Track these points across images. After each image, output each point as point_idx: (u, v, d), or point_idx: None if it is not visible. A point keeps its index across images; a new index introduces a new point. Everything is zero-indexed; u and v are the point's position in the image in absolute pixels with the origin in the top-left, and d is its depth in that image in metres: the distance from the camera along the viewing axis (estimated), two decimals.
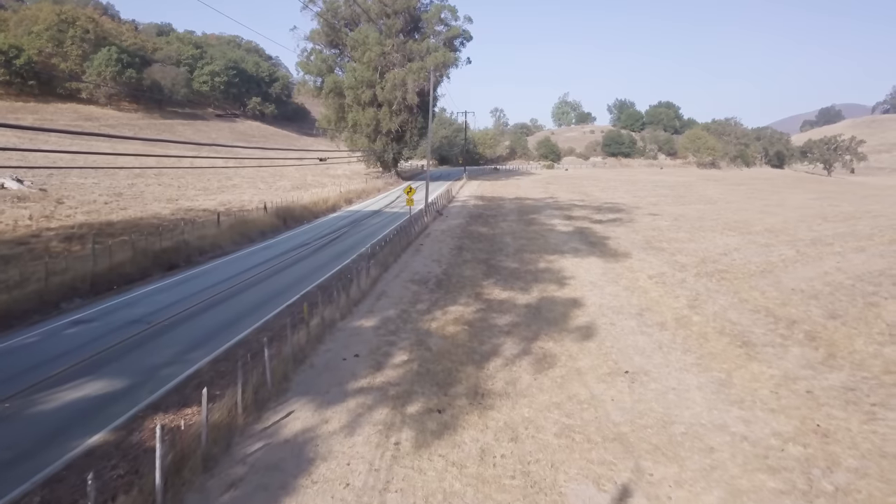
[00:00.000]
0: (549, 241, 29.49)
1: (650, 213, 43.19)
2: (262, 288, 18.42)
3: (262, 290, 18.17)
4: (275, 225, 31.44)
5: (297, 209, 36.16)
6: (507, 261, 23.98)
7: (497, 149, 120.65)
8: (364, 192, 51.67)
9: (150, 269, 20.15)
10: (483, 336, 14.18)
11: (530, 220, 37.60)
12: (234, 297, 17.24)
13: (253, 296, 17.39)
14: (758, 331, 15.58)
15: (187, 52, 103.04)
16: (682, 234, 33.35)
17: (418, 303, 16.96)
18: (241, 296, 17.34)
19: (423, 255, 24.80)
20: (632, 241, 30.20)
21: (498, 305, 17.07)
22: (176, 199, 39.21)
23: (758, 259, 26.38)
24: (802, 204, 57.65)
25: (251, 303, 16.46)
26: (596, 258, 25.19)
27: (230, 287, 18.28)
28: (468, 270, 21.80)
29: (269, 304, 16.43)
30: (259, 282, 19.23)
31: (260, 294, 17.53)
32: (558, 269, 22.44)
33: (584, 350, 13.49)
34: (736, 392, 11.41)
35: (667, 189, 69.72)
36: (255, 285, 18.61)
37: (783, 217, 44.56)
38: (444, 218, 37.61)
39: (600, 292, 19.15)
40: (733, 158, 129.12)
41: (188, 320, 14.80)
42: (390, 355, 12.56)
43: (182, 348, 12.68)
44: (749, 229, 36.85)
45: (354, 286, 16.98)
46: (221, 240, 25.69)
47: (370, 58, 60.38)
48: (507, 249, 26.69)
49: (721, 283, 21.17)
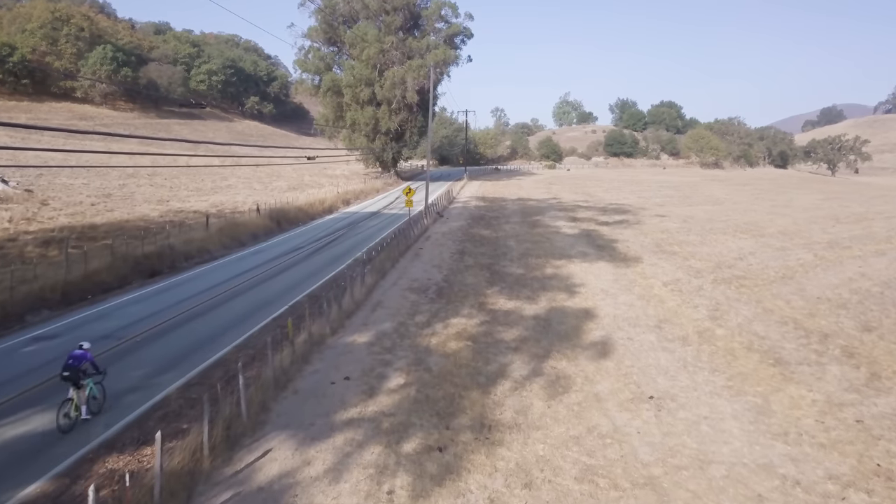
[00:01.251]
0: (555, 244, 28.12)
1: (657, 215, 41.81)
2: (248, 298, 17.05)
3: (248, 300, 16.80)
4: (268, 227, 30.07)
5: (292, 211, 34.80)
6: (511, 266, 22.62)
7: (498, 149, 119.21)
8: (362, 192, 50.32)
9: (129, 277, 18.79)
10: (489, 353, 12.81)
11: (534, 221, 36.24)
12: (217, 308, 15.87)
13: (237, 307, 16.02)
14: (789, 346, 14.21)
15: (184, 51, 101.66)
16: (692, 237, 31.98)
17: (417, 314, 15.59)
18: (224, 307, 15.97)
19: (423, 260, 23.43)
20: (641, 245, 28.83)
21: (504, 317, 15.70)
22: (167, 200, 37.86)
23: (775, 264, 25.01)
24: (811, 205, 56.28)
25: (234, 315, 15.10)
26: (605, 263, 23.82)
27: (213, 297, 16.92)
28: (471, 277, 20.43)
29: (253, 317, 15.07)
30: (245, 291, 17.86)
31: (245, 305, 16.17)
32: (567, 276, 21.07)
33: (601, 370, 12.11)
34: (777, 422, 10.03)
35: (672, 189, 68.34)
36: (240, 295, 17.25)
37: (793, 218, 43.20)
38: (444, 220, 36.24)
39: (613, 301, 17.78)
40: (736, 158, 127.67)
41: (163, 336, 13.43)
42: (385, 378, 11.19)
43: (151, 370, 11.32)
44: (761, 231, 35.49)
45: (347, 296, 15.62)
46: (210, 244, 24.33)
47: (369, 55, 59.00)
48: (511, 254, 25.33)
49: (741, 291, 19.79)
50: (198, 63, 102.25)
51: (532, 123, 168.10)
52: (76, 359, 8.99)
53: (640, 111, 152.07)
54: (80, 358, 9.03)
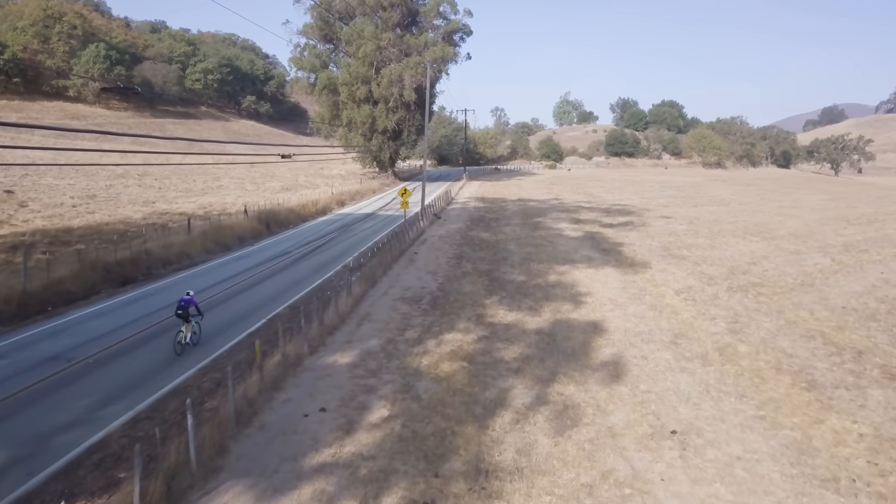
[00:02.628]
0: (558, 248, 26.67)
1: (662, 216, 40.36)
2: (223, 310, 15.58)
3: (223, 313, 15.34)
4: (256, 230, 28.62)
5: (283, 212, 33.35)
6: (512, 272, 21.16)
7: (498, 148, 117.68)
8: (358, 193, 48.87)
9: (97, 286, 17.33)
10: (486, 376, 11.35)
11: (536, 223, 34.78)
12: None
13: (209, 321, 14.54)
14: (821, 365, 12.75)
15: (179, 50, 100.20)
16: (701, 240, 30.52)
17: (408, 329, 14.13)
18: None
19: (418, 265, 21.97)
20: (649, 248, 27.38)
21: (504, 331, 14.24)
22: (153, 201, 36.40)
23: (792, 269, 23.56)
24: (818, 205, 54.79)
25: (204, 331, 13.64)
26: (612, 269, 22.36)
27: None
28: (468, 285, 18.97)
29: (225, 333, 13.61)
30: (222, 301, 16.40)
31: (218, 318, 14.70)
32: (571, 283, 19.61)
33: (614, 397, 10.66)
34: (823, 464, 8.58)
35: (675, 190, 66.89)
36: (215, 307, 15.78)
37: (803, 220, 41.74)
38: (442, 222, 34.78)
39: (623, 313, 16.32)
40: (739, 158, 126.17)
41: (120, 357, 11.98)
42: (367, 409, 9.72)
43: (98, 399, 9.86)
44: (772, 234, 34.04)
45: (331, 308, 14.16)
46: (191, 248, 22.88)
47: (365, 52, 57.55)
48: (511, 258, 23.88)
49: (759, 300, 18.34)
50: (193, 62, 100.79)
51: (532, 123, 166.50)
52: (186, 302, 12.20)
53: (641, 110, 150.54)
54: (188, 302, 12.24)
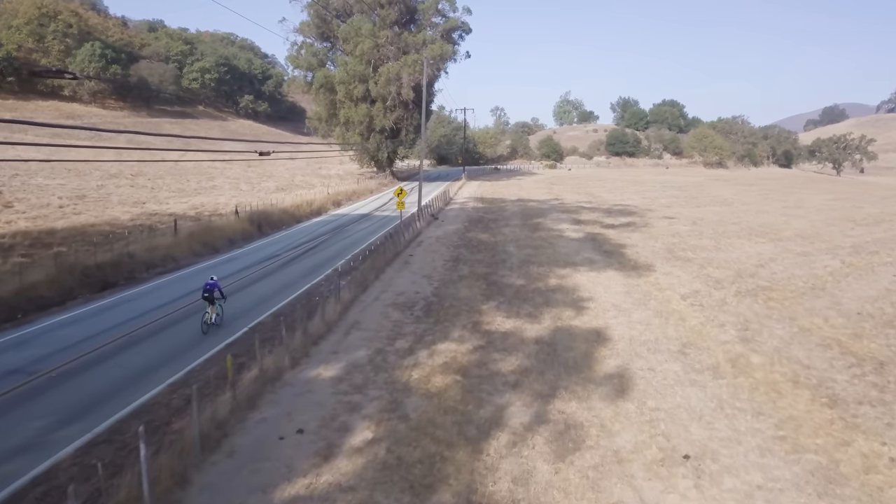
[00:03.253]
0: (559, 250, 25.81)
1: (665, 217, 39.50)
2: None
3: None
4: (247, 232, 27.77)
5: (276, 213, 32.51)
6: (511, 276, 20.30)
7: (498, 148, 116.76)
8: (355, 193, 48.03)
9: (74, 291, 16.48)
10: (481, 392, 10.49)
11: (535, 224, 33.91)
12: (163, 331, 13.57)
13: (186, 329, 13.72)
14: (841, 378, 11.89)
15: (176, 49, 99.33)
16: (706, 241, 29.66)
17: (399, 338, 13.26)
18: (172, 330, 13.67)
19: (412, 269, 21.10)
20: (652, 250, 26.52)
21: (501, 340, 13.38)
22: (144, 202, 35.56)
23: (801, 272, 22.70)
24: (823, 205, 53.93)
25: (180, 340, 12.80)
26: (615, 272, 21.50)
27: (164, 315, 14.62)
28: (464, 289, 18.10)
29: (202, 343, 12.75)
30: (202, 308, 15.53)
31: (196, 327, 13.83)
32: (572, 287, 18.75)
33: (619, 415, 9.80)
34: (853, 494, 7.72)
35: (677, 190, 66.04)
36: (195, 314, 14.91)
37: (808, 220, 40.90)
38: (439, 223, 33.92)
39: (627, 319, 15.46)
40: (741, 158, 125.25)
41: (88, 369, 11.13)
42: (349, 430, 8.86)
43: (55, 419, 9.02)
44: (778, 234, 33.19)
45: (318, 316, 13.30)
46: (177, 251, 22.04)
47: (363, 50, 56.70)
48: (510, 261, 23.02)
49: (770, 306, 17.47)
50: (190, 61, 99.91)
51: (532, 123, 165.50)
52: (210, 286, 13.43)
53: (641, 110, 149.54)
54: (213, 286, 13.47)
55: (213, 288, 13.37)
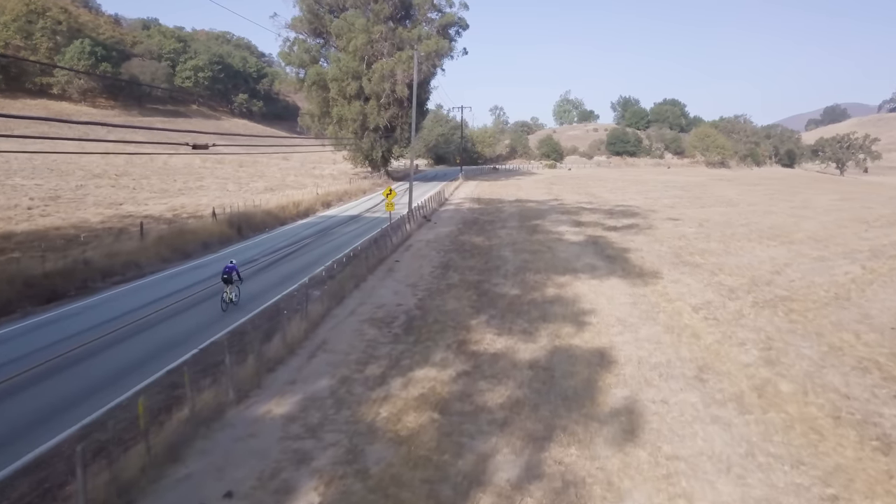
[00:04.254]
0: (558, 254, 24.02)
1: (669, 218, 37.71)
2: (153, 336, 12.92)
3: (151, 339, 12.69)
4: (225, 235, 25.98)
5: (259, 215, 30.70)
6: (505, 284, 18.50)
7: (497, 147, 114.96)
8: (346, 193, 46.23)
9: (14, 303, 14.70)
10: (462, 434, 8.70)
11: (533, 226, 32.12)
12: (100, 353, 11.75)
13: (130, 350, 11.93)
14: (889, 412, 10.11)
15: (169, 46, 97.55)
16: (714, 245, 27.88)
17: (371, 362, 11.47)
18: (111, 351, 11.86)
19: (397, 276, 19.31)
20: (658, 255, 24.74)
21: (490, 364, 11.59)
22: (120, 203, 33.75)
23: (821, 279, 20.91)
24: (830, 206, 52.12)
25: (120, 364, 11.01)
26: (618, 279, 19.70)
27: (109, 333, 12.82)
28: (452, 301, 16.31)
29: (142, 369, 10.94)
30: (155, 324, 13.75)
31: (141, 347, 12.05)
32: (573, 298, 16.96)
33: (629, 466, 8.00)
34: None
35: (680, 190, 64.25)
36: (144, 330, 13.14)
37: (818, 221, 39.11)
38: (432, 225, 32.14)
39: (634, 336, 13.68)
40: (743, 157, 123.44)
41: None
42: (290, 493, 7.07)
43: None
44: (789, 237, 31.41)
45: (279, 336, 11.51)
46: (142, 257, 20.25)
47: (356, 46, 54.91)
48: (505, 267, 21.23)
49: (792, 319, 15.69)
50: (183, 59, 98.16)
51: (532, 122, 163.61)
52: (229, 270, 14.81)
53: (642, 109, 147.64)
54: (231, 269, 14.84)
55: (232, 271, 14.92)
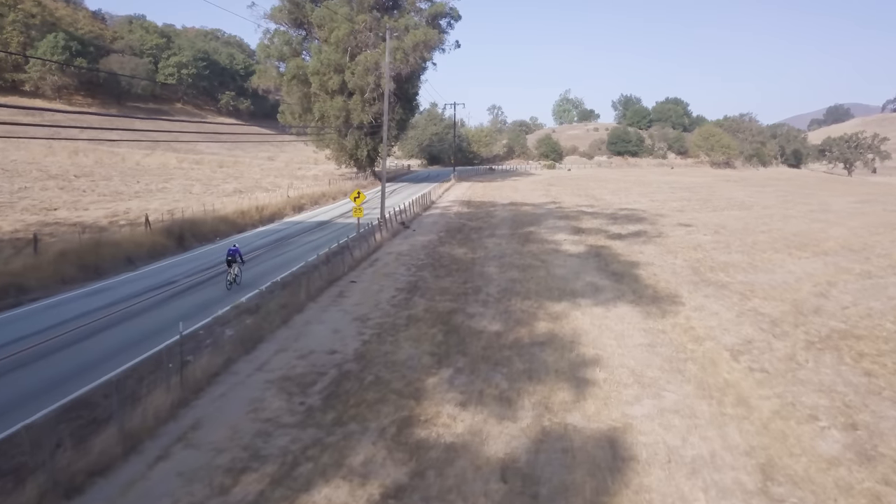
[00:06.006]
0: (554, 270, 19.90)
1: (680, 224, 33.61)
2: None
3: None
4: (159, 246, 21.87)
5: (210, 222, 26.58)
6: (484, 316, 14.37)
7: (493, 147, 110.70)
8: (324, 196, 42.12)
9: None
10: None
11: (527, 235, 28.00)
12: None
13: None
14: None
15: (151, 42, 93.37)
16: (737, 257, 23.78)
17: (248, 471, 7.30)
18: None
19: (347, 304, 15.16)
20: (673, 270, 20.64)
21: (440, 469, 7.45)
22: (56, 208, 29.54)
23: (879, 305, 16.83)
24: (852, 209, 48.05)
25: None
26: (629, 307, 15.58)
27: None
28: (409, 344, 12.17)
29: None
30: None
31: None
32: (570, 337, 12.83)
33: None
34: None
35: (686, 191, 60.16)
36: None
37: (846, 228, 35.05)
38: (409, 233, 28.00)
39: (657, 406, 9.55)
40: (749, 157, 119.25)
41: None
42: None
43: None
44: (819, 246, 27.34)
45: (114, 425, 7.37)
46: (35, 276, 16.15)
47: (338, 37, 50.82)
48: (487, 289, 17.11)
49: (866, 369, 11.58)
50: (166, 55, 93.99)
51: (531, 122, 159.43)
52: (233, 253, 16.54)
53: (644, 108, 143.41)
54: (235, 251, 16.63)
55: (235, 254, 16.49)
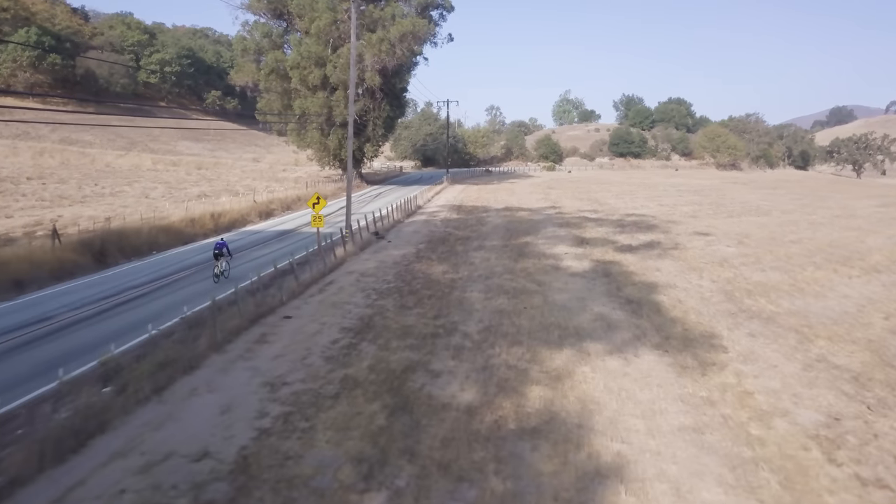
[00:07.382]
0: (553, 297, 15.73)
1: (697, 233, 29.44)
2: None
3: None
4: (69, 264, 17.75)
5: (148, 232, 22.44)
6: (453, 377, 10.19)
7: (491, 148, 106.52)
8: (299, 200, 37.98)
9: None
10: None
11: (521, 247, 23.84)
12: None
13: None
14: None
15: (132, 38, 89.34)
16: (774, 276, 19.63)
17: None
18: None
19: (263, 357, 10.98)
20: (700, 295, 16.50)
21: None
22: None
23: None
24: (879, 214, 43.87)
25: None
26: (655, 356, 11.41)
27: None
28: (328, 437, 7.95)
29: None
30: None
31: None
32: (577, 417, 8.66)
33: None
34: None
35: (695, 194, 56.02)
36: None
37: (885, 237, 30.91)
38: (383, 245, 23.85)
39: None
40: (755, 159, 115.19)
41: None
42: None
43: None
44: (865, 260, 23.23)
45: None
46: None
47: (319, 28, 46.81)
48: (465, 327, 12.94)
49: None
50: (148, 52, 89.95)
51: (530, 123, 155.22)
52: (220, 246, 17.34)
53: (647, 108, 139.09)
54: (222, 245, 17.44)
55: (223, 247, 17.34)
